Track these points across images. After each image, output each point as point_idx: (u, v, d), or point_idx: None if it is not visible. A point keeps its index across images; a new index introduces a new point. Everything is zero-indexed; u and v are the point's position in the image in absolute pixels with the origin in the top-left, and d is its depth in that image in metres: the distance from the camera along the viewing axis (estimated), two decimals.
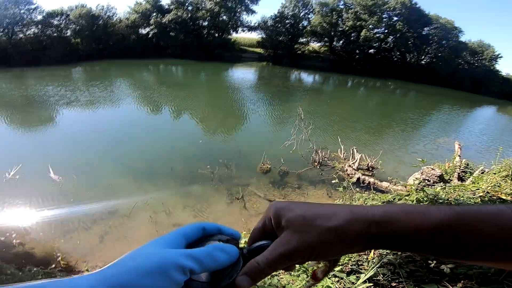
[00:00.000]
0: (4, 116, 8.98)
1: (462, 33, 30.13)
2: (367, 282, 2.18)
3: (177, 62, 25.56)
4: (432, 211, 0.33)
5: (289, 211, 0.35)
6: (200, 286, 0.32)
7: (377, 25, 29.68)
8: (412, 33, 29.35)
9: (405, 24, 28.48)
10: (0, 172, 5.38)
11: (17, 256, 3.68)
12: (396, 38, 30.28)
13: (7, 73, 15.27)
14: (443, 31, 29.34)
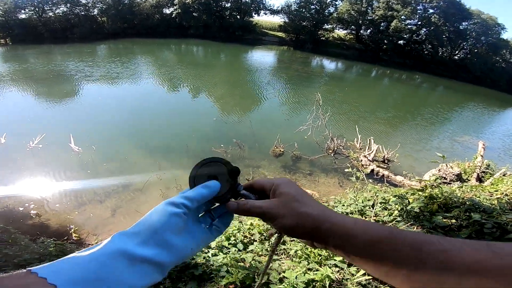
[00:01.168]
0: (32, 88, 9.40)
1: (505, 30, 28.19)
2: (367, 275, 2.19)
3: (198, 42, 25.59)
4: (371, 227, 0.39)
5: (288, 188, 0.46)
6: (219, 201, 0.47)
7: (410, 16, 28.05)
8: (448, 27, 27.64)
9: (442, 17, 26.85)
10: (25, 141, 5.67)
11: (33, 227, 3.79)
12: (430, 31, 28.55)
13: (36, 49, 15.87)
14: (483, 27, 27.51)
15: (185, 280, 2.14)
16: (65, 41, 18.90)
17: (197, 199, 0.43)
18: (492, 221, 2.17)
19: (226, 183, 0.47)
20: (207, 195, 0.45)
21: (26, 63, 12.67)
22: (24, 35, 18.19)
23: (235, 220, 3.11)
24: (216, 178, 0.47)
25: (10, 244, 2.80)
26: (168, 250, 0.39)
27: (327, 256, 2.38)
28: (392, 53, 29.37)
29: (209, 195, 0.45)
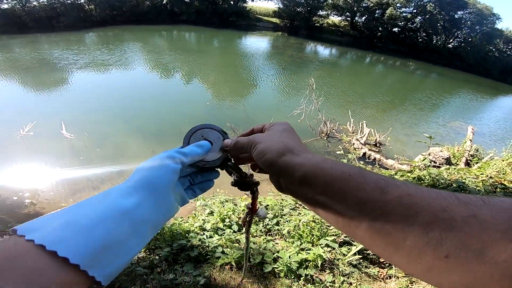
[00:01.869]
0: (19, 77, 9.10)
1: (500, 20, 28.34)
2: (357, 254, 2.25)
3: (190, 28, 24.97)
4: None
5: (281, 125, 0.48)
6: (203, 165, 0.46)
7: (405, 4, 28.13)
8: (443, 15, 27.65)
9: (437, 6, 26.91)
10: (15, 129, 5.53)
11: (28, 216, 3.67)
12: (425, 19, 28.57)
13: (21, 39, 15.36)
14: (478, 16, 27.70)
15: (181, 262, 2.17)
16: (51, 30, 18.30)
17: (191, 155, 0.43)
18: None
19: (218, 152, 0.48)
20: (201, 154, 0.45)
21: (11, 53, 12.24)
22: (8, 25, 17.47)
23: (229, 203, 3.15)
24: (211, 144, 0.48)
25: (6, 233, 2.75)
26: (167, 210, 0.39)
27: (319, 236, 2.45)
28: (387, 40, 29.31)
29: (202, 155, 0.45)
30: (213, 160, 0.47)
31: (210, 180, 0.50)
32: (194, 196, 0.48)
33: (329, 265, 2.22)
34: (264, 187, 4.70)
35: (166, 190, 0.38)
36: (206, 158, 0.46)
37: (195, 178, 0.48)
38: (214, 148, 0.48)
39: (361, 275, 2.17)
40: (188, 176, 0.47)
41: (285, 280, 2.05)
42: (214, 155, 0.47)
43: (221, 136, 0.50)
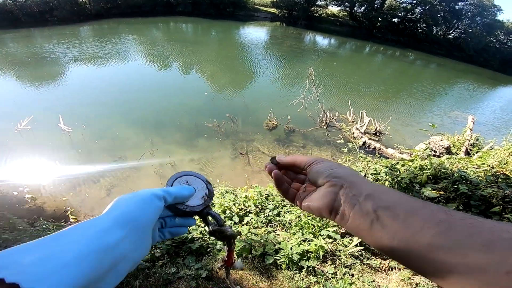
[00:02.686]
0: (14, 72, 8.96)
1: (501, 11, 28.31)
2: (359, 246, 2.24)
3: (187, 20, 24.53)
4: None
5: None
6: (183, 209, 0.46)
7: None
8: (443, 6, 27.44)
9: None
10: (13, 124, 5.47)
11: (29, 211, 3.69)
12: (425, 10, 28.36)
13: (15, 34, 15.08)
14: (479, 8, 27.57)
15: (183, 255, 2.15)
16: (45, 24, 17.89)
17: (176, 196, 0.43)
18: (479, 193, 2.21)
19: (201, 199, 0.49)
20: (185, 196, 0.45)
21: (5, 48, 12.01)
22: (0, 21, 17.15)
23: (230, 194, 3.12)
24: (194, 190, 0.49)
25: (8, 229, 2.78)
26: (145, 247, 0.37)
27: (321, 227, 2.43)
28: (386, 31, 29.06)
29: (187, 197, 0.46)
30: (195, 205, 0.47)
31: (184, 227, 0.49)
32: (161, 239, 0.46)
33: (330, 256, 2.21)
34: (264, 177, 4.70)
35: (148, 228, 0.37)
36: (187, 203, 0.47)
37: (168, 222, 0.47)
38: (197, 195, 0.49)
39: (363, 267, 2.16)
40: (161, 218, 0.46)
41: (287, 272, 2.03)
42: (196, 201, 0.48)
43: (205, 185, 0.51)
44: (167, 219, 0.47)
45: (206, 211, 0.48)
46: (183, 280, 1.85)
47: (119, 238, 0.32)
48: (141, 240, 0.36)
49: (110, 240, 0.31)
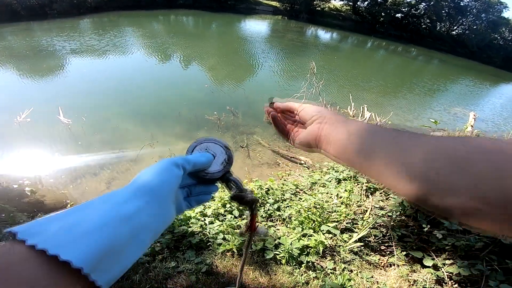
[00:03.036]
0: (13, 65, 8.89)
1: (507, 8, 28.43)
2: (358, 242, 2.24)
3: (188, 12, 24.30)
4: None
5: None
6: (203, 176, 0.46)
7: None
8: (448, 2, 27.21)
9: None
10: (12, 116, 5.42)
11: (29, 204, 3.67)
12: (429, 6, 28.15)
13: (14, 27, 14.94)
14: (484, 5, 27.62)
15: (183, 249, 2.15)
16: (44, 18, 17.70)
17: (195, 163, 0.44)
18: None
19: (221, 165, 0.49)
20: (204, 163, 0.46)
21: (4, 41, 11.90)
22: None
23: None
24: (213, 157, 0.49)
25: (9, 223, 2.77)
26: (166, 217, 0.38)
27: (321, 222, 2.43)
28: (389, 26, 28.82)
29: (206, 164, 0.46)
30: (215, 172, 0.47)
31: (207, 194, 0.50)
32: (189, 208, 0.47)
33: (330, 252, 2.21)
34: (264, 170, 4.69)
35: (167, 196, 0.38)
36: (207, 170, 0.47)
37: (193, 190, 0.48)
38: (216, 161, 0.49)
39: (362, 263, 2.17)
40: (186, 187, 0.47)
41: (286, 267, 2.03)
42: (215, 167, 0.48)
43: (224, 151, 0.50)
44: (191, 187, 0.47)
45: (227, 176, 0.48)
46: (183, 274, 1.85)
47: (137, 207, 0.33)
48: (161, 209, 0.36)
49: (128, 209, 0.32)
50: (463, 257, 1.92)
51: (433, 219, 2.18)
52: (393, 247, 2.22)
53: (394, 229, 2.28)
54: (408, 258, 2.14)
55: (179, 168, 0.40)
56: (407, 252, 2.15)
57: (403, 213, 2.35)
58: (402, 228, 2.29)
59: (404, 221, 2.33)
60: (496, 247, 1.84)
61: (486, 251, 1.86)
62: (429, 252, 2.08)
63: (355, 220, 2.50)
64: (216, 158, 0.49)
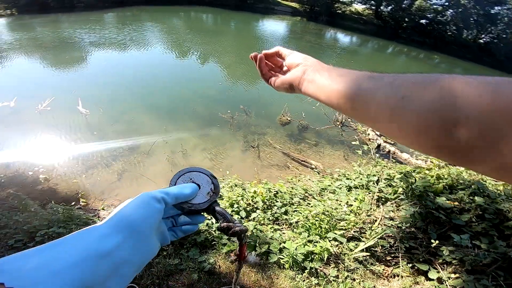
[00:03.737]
0: (39, 55, 9.26)
1: None
2: (364, 251, 2.18)
3: (207, 9, 24.73)
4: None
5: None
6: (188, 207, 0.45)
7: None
8: (477, 10, 26.03)
9: (472, 0, 25.45)
10: (35, 104, 5.66)
11: (42, 192, 3.77)
12: (457, 13, 26.97)
13: (42, 18, 15.64)
14: None
15: (187, 247, 2.16)
16: (72, 10, 18.59)
17: (176, 196, 0.43)
18: (495, 206, 2.12)
19: (206, 195, 0.47)
20: (188, 195, 0.45)
21: (33, 32, 12.47)
22: (30, 5, 17.72)
23: (238, 188, 3.11)
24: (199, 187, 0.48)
25: (20, 210, 2.86)
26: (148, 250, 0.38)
27: (328, 229, 2.38)
28: (412, 31, 27.96)
29: (190, 196, 0.45)
30: (200, 203, 0.46)
31: (194, 224, 0.49)
32: (175, 238, 0.47)
33: (334, 259, 2.18)
34: (273, 172, 4.66)
35: (147, 231, 0.37)
36: (192, 201, 0.46)
37: (178, 220, 0.48)
38: (202, 191, 0.48)
39: (366, 272, 2.12)
40: (171, 217, 0.47)
41: (289, 271, 2.01)
42: (201, 198, 0.47)
43: (210, 180, 0.50)
44: (177, 218, 0.47)
45: (213, 207, 0.47)
46: (185, 272, 1.86)
47: (116, 243, 0.33)
48: (141, 243, 0.36)
49: (107, 245, 0.32)
50: (469, 271, 1.86)
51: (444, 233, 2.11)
52: (399, 258, 2.16)
53: (402, 241, 2.21)
54: (413, 270, 2.09)
55: (160, 202, 0.40)
56: (413, 264, 2.09)
57: (413, 224, 2.28)
58: (411, 240, 2.22)
59: (413, 233, 2.26)
60: (504, 263, 1.78)
61: (494, 266, 1.79)
62: (435, 265, 2.01)
63: (363, 229, 2.44)
64: (202, 189, 0.48)
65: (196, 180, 0.49)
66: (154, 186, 4.12)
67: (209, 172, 0.51)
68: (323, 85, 0.49)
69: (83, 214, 2.99)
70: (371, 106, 0.39)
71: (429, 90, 0.32)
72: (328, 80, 0.49)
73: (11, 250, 2.14)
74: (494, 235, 1.88)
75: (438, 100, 0.31)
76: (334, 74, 0.49)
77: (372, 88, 0.40)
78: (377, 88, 0.39)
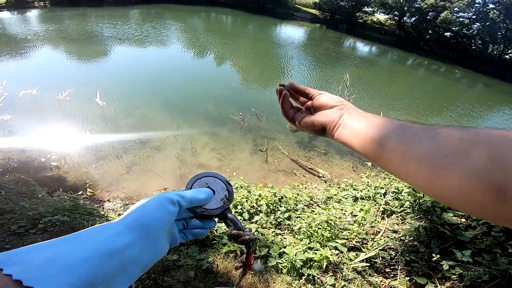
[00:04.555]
0: (64, 47, 9.67)
1: None
2: (364, 262, 2.15)
3: (227, 11, 25.18)
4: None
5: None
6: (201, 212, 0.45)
7: (465, 9, 25.85)
8: (507, 24, 25.10)
9: (502, 14, 24.51)
10: (55, 93, 5.89)
11: (51, 179, 3.82)
12: (484, 26, 26.10)
13: (72, 11, 16.32)
14: None
15: (187, 245, 2.19)
16: (100, 5, 19.28)
17: (191, 200, 0.44)
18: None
19: (220, 201, 0.48)
20: (202, 200, 0.45)
21: (61, 24, 13.04)
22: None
23: (243, 190, 3.12)
24: (213, 192, 0.48)
25: (28, 196, 2.91)
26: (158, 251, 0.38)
27: (329, 238, 2.35)
28: (435, 44, 27.28)
29: (204, 201, 0.46)
30: (213, 208, 0.47)
31: (204, 228, 0.49)
32: (184, 240, 0.47)
33: (333, 268, 2.15)
34: (280, 177, 4.65)
35: (159, 232, 0.38)
36: (206, 206, 0.46)
37: (190, 223, 0.48)
38: (216, 197, 0.48)
39: (363, 283, 2.09)
40: (183, 219, 0.47)
41: (286, 276, 2.00)
42: (214, 203, 0.47)
43: (225, 187, 0.50)
44: (188, 220, 0.48)
45: (225, 214, 0.48)
46: (182, 269, 1.88)
47: (127, 242, 0.34)
48: (152, 244, 0.37)
49: (118, 243, 0.33)
50: (467, 287, 1.80)
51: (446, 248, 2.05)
52: (397, 270, 2.11)
53: (404, 254, 2.17)
54: (411, 283, 2.04)
55: (175, 205, 0.40)
56: (411, 277, 2.04)
57: (416, 238, 2.24)
58: (412, 253, 2.18)
59: (415, 246, 2.22)
60: (504, 280, 1.74)
61: (492, 283, 1.75)
62: (434, 280, 1.96)
63: (365, 240, 2.40)
64: (216, 194, 0.48)
65: (211, 186, 0.49)
66: (161, 181, 4.18)
67: (225, 179, 0.51)
68: (358, 132, 0.47)
69: (89, 204, 3.04)
70: (411, 163, 0.37)
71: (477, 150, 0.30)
72: (365, 127, 0.46)
73: (12, 235, 2.17)
74: (497, 252, 1.83)
75: (487, 162, 0.28)
76: (371, 121, 0.46)
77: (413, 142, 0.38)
78: (418, 143, 0.37)
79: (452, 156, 0.32)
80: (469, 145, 0.31)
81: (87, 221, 2.43)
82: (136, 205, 0.39)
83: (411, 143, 0.38)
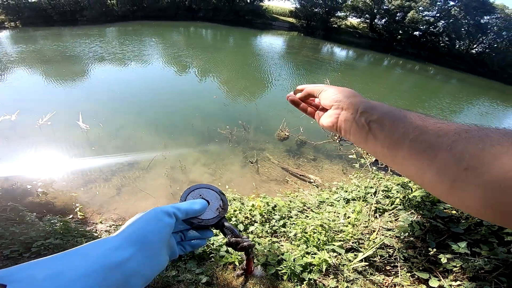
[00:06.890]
0: (41, 69, 9.42)
1: None
2: (363, 262, 2.19)
3: (207, 25, 25.30)
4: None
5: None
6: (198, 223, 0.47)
7: (428, 8, 27.48)
8: (468, 20, 26.76)
9: (462, 10, 26.10)
10: (35, 118, 5.72)
11: (40, 205, 3.79)
12: (448, 24, 27.70)
13: (46, 31, 15.97)
14: (506, 22, 26.66)
15: (185, 259, 2.17)
16: (74, 24, 19.02)
17: (187, 211, 0.44)
18: None
19: (216, 211, 0.49)
20: (197, 211, 0.46)
21: (35, 44, 12.75)
22: (34, 18, 18.24)
23: (236, 202, 3.13)
24: (208, 203, 0.50)
25: (17, 222, 2.83)
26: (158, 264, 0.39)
27: (326, 241, 2.40)
28: (406, 44, 28.62)
29: (199, 211, 0.47)
30: (209, 218, 0.48)
31: (202, 239, 0.50)
32: (183, 252, 0.48)
33: (333, 270, 2.17)
34: (272, 187, 4.68)
35: (158, 244, 0.39)
36: (201, 216, 0.47)
37: (187, 235, 0.49)
38: (211, 207, 0.50)
39: (365, 282, 2.11)
40: (180, 232, 0.48)
41: (287, 283, 2.01)
42: (210, 214, 0.49)
43: (219, 196, 0.52)
44: (185, 232, 0.48)
45: (222, 223, 0.49)
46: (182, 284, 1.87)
47: (127, 255, 0.34)
48: (151, 256, 0.37)
49: (118, 257, 0.33)
50: (471, 279, 1.85)
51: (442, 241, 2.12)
52: (398, 267, 2.16)
53: (401, 250, 2.22)
54: (413, 279, 2.08)
55: (171, 217, 0.41)
56: (413, 273, 2.09)
57: (411, 234, 2.29)
58: (410, 249, 2.23)
59: (412, 242, 2.27)
60: (506, 269, 1.77)
61: (496, 273, 1.78)
62: (436, 273, 2.01)
63: (361, 240, 2.45)
64: (211, 204, 0.50)
65: (205, 196, 0.50)
66: (153, 200, 4.12)
67: (218, 189, 0.53)
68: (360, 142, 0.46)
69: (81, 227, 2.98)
70: (427, 173, 0.35)
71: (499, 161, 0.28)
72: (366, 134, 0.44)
73: (6, 260, 2.13)
74: (494, 242, 1.88)
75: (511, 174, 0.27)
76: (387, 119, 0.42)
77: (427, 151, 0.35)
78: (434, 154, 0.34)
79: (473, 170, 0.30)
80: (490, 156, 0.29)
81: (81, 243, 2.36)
82: (132, 219, 0.39)
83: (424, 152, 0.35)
